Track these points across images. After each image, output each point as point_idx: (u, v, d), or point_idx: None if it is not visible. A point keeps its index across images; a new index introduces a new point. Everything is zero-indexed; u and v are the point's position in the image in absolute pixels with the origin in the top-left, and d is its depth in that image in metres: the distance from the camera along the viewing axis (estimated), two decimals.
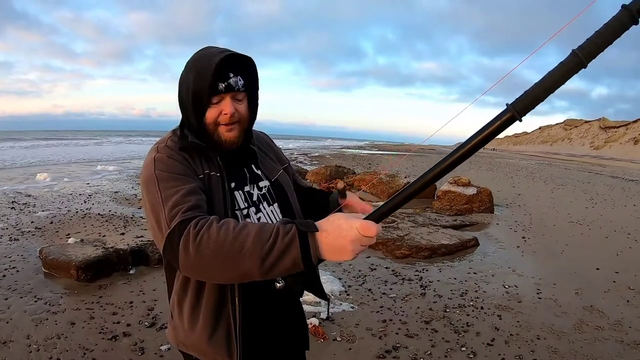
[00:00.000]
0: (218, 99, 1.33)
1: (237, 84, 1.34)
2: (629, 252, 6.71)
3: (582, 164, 32.54)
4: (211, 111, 1.33)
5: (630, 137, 64.44)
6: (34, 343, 3.42)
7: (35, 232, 6.61)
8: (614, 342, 3.77)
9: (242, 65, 1.38)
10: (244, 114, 1.39)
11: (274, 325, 1.46)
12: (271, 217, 1.45)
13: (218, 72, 1.29)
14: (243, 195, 1.43)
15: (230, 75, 1.32)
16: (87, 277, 4.69)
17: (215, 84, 1.30)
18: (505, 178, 17.80)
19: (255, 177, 1.49)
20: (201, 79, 1.29)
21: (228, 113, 1.33)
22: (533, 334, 3.87)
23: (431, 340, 3.71)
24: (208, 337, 1.36)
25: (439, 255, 6.14)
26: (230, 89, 1.33)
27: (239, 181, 1.44)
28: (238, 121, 1.37)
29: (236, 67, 1.35)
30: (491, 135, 0.94)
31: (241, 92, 1.37)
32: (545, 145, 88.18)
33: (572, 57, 0.85)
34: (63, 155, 26.06)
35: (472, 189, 9.65)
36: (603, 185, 16.11)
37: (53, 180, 13.05)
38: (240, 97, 1.37)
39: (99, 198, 9.83)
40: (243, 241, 1.04)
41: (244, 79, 1.37)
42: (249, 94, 1.42)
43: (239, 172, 1.46)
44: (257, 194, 1.46)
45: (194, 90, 1.31)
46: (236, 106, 1.35)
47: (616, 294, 4.89)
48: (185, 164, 1.32)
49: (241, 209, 1.40)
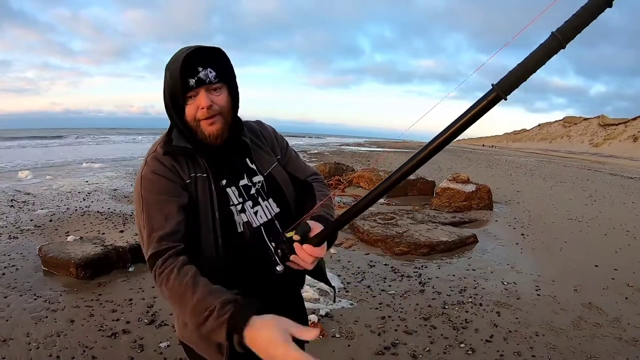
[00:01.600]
0: (193, 94, 1.34)
1: (208, 76, 1.33)
2: (627, 250, 6.72)
3: (581, 162, 32.57)
4: (189, 108, 1.35)
5: (630, 135, 64.46)
6: (33, 341, 3.43)
7: (35, 230, 6.61)
8: (612, 339, 3.77)
9: (212, 57, 1.36)
10: (223, 104, 1.38)
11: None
12: (266, 212, 1.46)
13: (186, 69, 1.30)
14: (237, 190, 1.44)
15: (199, 70, 1.32)
16: (86, 275, 4.69)
17: (186, 80, 1.31)
18: (504, 175, 17.80)
19: (249, 171, 1.49)
20: (173, 78, 1.32)
21: (204, 106, 1.33)
22: (532, 330, 3.88)
23: (430, 336, 3.72)
24: (198, 335, 1.37)
25: (438, 252, 6.15)
26: (202, 82, 1.33)
27: (234, 176, 1.45)
28: (219, 113, 1.37)
29: (205, 60, 1.34)
30: (478, 114, 0.98)
31: (215, 83, 1.35)
32: (545, 142, 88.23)
33: (551, 39, 0.90)
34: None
35: (471, 186, 9.66)
36: (602, 183, 16.12)
37: (35, 178, 13.03)
38: (216, 87, 1.36)
39: (98, 196, 9.82)
40: (186, 303, 1.18)
41: (216, 70, 1.35)
42: (227, 84, 1.40)
43: (234, 167, 1.47)
44: (255, 189, 1.47)
45: (170, 91, 1.35)
46: (213, 98, 1.35)
47: (615, 291, 4.89)
48: (170, 175, 1.35)
49: (235, 204, 1.41)
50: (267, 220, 1.45)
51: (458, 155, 31.89)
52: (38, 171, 14.65)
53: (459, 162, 24.36)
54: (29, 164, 17.70)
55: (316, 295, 4.36)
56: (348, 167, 14.21)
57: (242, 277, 1.36)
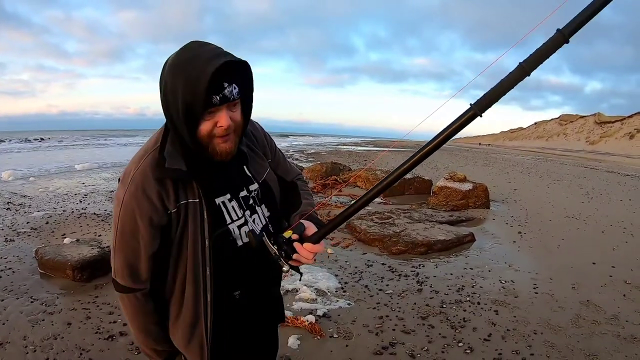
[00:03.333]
0: (212, 110, 1.24)
1: (232, 94, 1.25)
2: (625, 247, 6.73)
3: (578, 159, 32.61)
4: (206, 124, 1.26)
5: (626, 132, 64.60)
6: (30, 344, 3.41)
7: (31, 233, 6.59)
8: (610, 337, 3.77)
9: (238, 72, 1.27)
10: (238, 120, 1.32)
11: (242, 337, 1.54)
12: (262, 218, 1.50)
13: (212, 83, 1.19)
14: (238, 202, 1.44)
15: (225, 85, 1.22)
16: (83, 277, 4.67)
17: (210, 97, 1.21)
18: (501, 173, 17.82)
19: (247, 180, 1.49)
20: (193, 90, 1.19)
21: (224, 126, 1.26)
22: (530, 328, 3.88)
23: (428, 336, 3.71)
24: (185, 345, 1.46)
25: (435, 251, 6.14)
26: (226, 100, 1.24)
27: (235, 189, 1.45)
28: (234, 131, 1.31)
29: (230, 74, 1.24)
30: (458, 128, 1.14)
31: (236, 100, 1.28)
32: (541, 140, 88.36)
33: (519, 69, 1.06)
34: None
35: (468, 184, 9.66)
36: (599, 180, 16.15)
37: (18, 179, 13.12)
38: (235, 104, 1.30)
39: (94, 197, 9.80)
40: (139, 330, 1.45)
41: (239, 86, 1.27)
42: (244, 100, 1.35)
43: (234, 180, 1.46)
44: (251, 198, 1.49)
45: (186, 102, 1.21)
46: (232, 116, 1.28)
47: (613, 289, 4.90)
48: (151, 212, 1.29)
49: (234, 221, 1.42)
50: (263, 225, 1.49)
51: (455, 154, 31.93)
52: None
53: (455, 161, 24.37)
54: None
55: (314, 296, 4.35)
56: (345, 167, 14.19)
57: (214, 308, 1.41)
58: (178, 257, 1.36)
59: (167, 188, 1.29)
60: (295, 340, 3.52)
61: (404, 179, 10.97)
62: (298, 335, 3.58)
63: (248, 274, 1.47)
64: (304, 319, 3.80)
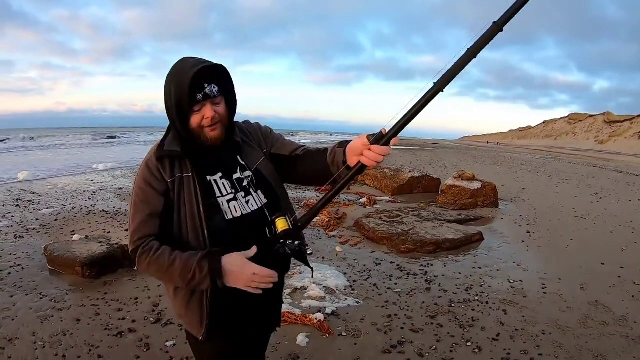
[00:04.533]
0: (199, 107, 1.58)
1: (213, 92, 1.58)
2: (634, 247, 6.68)
3: (587, 159, 32.42)
4: (195, 117, 1.59)
5: (635, 132, 64.06)
6: (39, 340, 3.44)
7: (40, 230, 6.63)
8: (619, 338, 3.75)
9: (215, 74, 1.60)
10: (223, 113, 1.64)
11: (243, 303, 1.69)
12: (257, 202, 1.71)
13: (194, 85, 1.52)
14: (230, 182, 1.69)
15: (205, 86, 1.56)
16: (92, 274, 4.70)
17: (194, 95, 1.54)
18: (509, 172, 17.74)
19: (242, 167, 1.74)
20: (181, 92, 1.53)
21: (209, 117, 1.59)
22: (538, 329, 3.86)
23: (436, 335, 3.71)
24: (185, 306, 1.68)
25: (444, 249, 6.13)
26: (207, 97, 1.57)
27: (228, 171, 1.71)
28: (220, 121, 1.63)
29: (210, 76, 1.57)
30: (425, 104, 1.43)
31: (217, 97, 1.61)
32: (550, 139, 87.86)
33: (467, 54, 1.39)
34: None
35: (477, 183, 9.63)
36: (608, 180, 16.04)
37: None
38: (218, 100, 1.62)
39: (103, 195, 9.85)
40: (173, 272, 1.55)
41: (219, 85, 1.60)
42: (226, 95, 1.66)
43: (228, 163, 1.72)
44: (246, 181, 1.72)
45: (177, 102, 1.56)
46: (215, 109, 1.60)
47: (621, 289, 4.87)
48: (155, 182, 1.61)
49: (223, 195, 1.66)
50: (257, 208, 1.70)
51: (463, 153, 31.84)
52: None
53: (464, 160, 24.31)
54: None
55: (322, 294, 4.35)
56: None
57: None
58: (179, 219, 1.61)
59: (165, 164, 1.63)
60: (304, 338, 3.51)
61: (412, 178, 10.95)
62: (307, 333, 3.58)
63: (241, 247, 1.59)
64: (312, 317, 3.80)
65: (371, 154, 1.48)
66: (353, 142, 1.57)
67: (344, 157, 1.59)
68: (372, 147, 1.47)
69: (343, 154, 1.60)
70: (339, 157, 1.62)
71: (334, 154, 1.66)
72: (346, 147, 1.59)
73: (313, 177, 1.78)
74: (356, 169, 1.53)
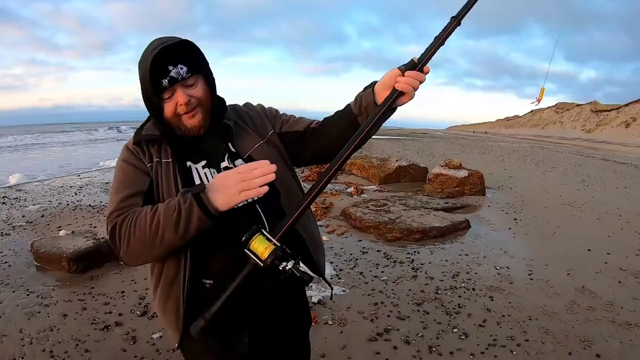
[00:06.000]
0: (169, 93, 1.37)
1: (180, 74, 1.35)
2: (620, 234, 6.74)
3: (574, 147, 32.57)
4: (167, 106, 1.39)
5: (622, 121, 64.39)
6: (27, 336, 3.42)
7: (27, 226, 6.59)
8: (605, 323, 3.79)
9: (180, 52, 1.36)
10: (200, 96, 1.40)
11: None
12: None
13: (156, 70, 1.32)
14: (217, 172, 1.45)
15: (170, 69, 1.33)
16: (78, 269, 4.68)
17: (159, 82, 1.34)
18: (496, 161, 17.81)
19: (232, 154, 1.51)
20: (144, 81, 1.35)
21: (182, 103, 1.36)
22: (525, 314, 3.89)
23: (423, 322, 3.73)
24: (162, 307, 1.48)
25: (431, 237, 6.15)
26: (175, 81, 1.35)
27: (213, 159, 1.48)
28: (198, 105, 1.41)
29: (174, 57, 1.34)
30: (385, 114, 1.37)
31: (188, 78, 1.37)
32: (537, 128, 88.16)
33: (435, 42, 1.36)
34: None
35: (464, 171, 9.66)
36: (595, 168, 16.13)
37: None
38: (191, 82, 1.38)
39: (89, 189, 9.80)
40: (157, 220, 1.27)
41: (187, 65, 1.36)
42: (202, 73, 1.42)
43: (214, 150, 1.49)
44: None
45: (144, 93, 1.38)
46: (189, 92, 1.38)
47: (608, 275, 4.91)
48: (135, 162, 1.44)
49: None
50: (246, 203, 1.38)
51: (451, 142, 31.90)
52: None
53: (451, 148, 24.36)
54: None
55: None
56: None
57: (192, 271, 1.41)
58: None
59: (144, 149, 1.46)
60: None
61: (399, 167, 10.98)
62: None
63: (225, 246, 1.39)
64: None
65: (406, 79, 1.33)
66: (382, 78, 1.40)
67: (374, 96, 1.42)
68: (407, 73, 1.34)
69: (372, 94, 1.42)
70: (368, 99, 1.43)
71: (360, 100, 1.45)
72: (374, 86, 1.42)
73: (340, 140, 1.44)
74: (392, 97, 1.35)
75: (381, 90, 1.40)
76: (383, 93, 1.38)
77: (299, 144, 1.61)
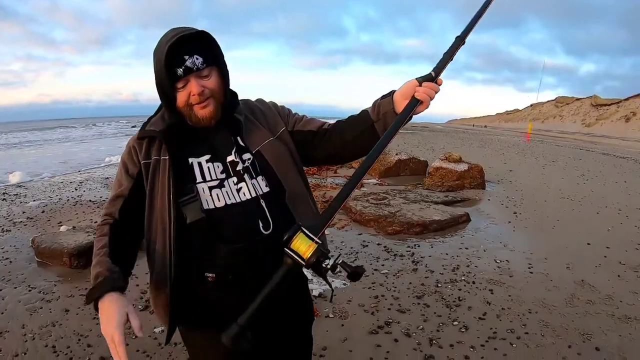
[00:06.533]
0: (183, 82, 1.37)
1: (195, 64, 1.36)
2: (619, 228, 6.75)
3: (574, 141, 32.52)
4: (180, 95, 1.39)
5: (622, 115, 64.25)
6: (29, 332, 3.43)
7: (27, 222, 6.60)
8: (605, 316, 3.80)
9: (197, 43, 1.38)
10: (214, 87, 1.41)
11: (206, 308, 1.49)
12: (251, 191, 1.45)
13: (172, 59, 1.33)
14: (223, 166, 1.45)
15: (186, 58, 1.34)
16: (79, 264, 4.69)
17: (174, 70, 1.34)
18: (496, 154, 17.80)
19: (241, 149, 1.49)
20: (160, 69, 1.34)
21: (195, 93, 1.37)
22: (525, 308, 3.90)
23: (423, 315, 3.74)
24: (154, 302, 1.55)
25: (431, 231, 6.17)
26: (190, 71, 1.35)
27: (219, 153, 1.47)
28: (211, 96, 1.40)
29: (191, 47, 1.36)
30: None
31: (203, 69, 1.38)
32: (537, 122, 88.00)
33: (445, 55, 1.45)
34: None
35: (464, 165, 9.67)
36: (594, 162, 16.12)
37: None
38: (205, 73, 1.39)
39: (89, 185, 9.82)
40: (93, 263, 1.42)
41: (203, 56, 1.37)
42: (216, 65, 1.43)
43: (220, 144, 1.48)
44: (242, 166, 1.47)
45: (158, 82, 1.38)
46: (203, 83, 1.38)
47: (607, 269, 4.92)
48: (130, 161, 1.49)
49: (206, 180, 1.44)
50: (250, 198, 1.44)
51: (451, 136, 31.88)
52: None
53: (451, 142, 24.34)
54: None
55: (309, 276, 4.36)
56: None
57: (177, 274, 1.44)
58: (151, 210, 1.44)
59: (143, 145, 1.47)
60: None
61: (399, 160, 10.98)
62: None
63: (224, 243, 1.40)
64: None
65: (424, 89, 1.38)
66: (401, 88, 1.45)
67: (393, 105, 1.45)
68: (424, 83, 1.40)
69: (391, 102, 1.45)
70: (387, 107, 1.46)
71: (378, 107, 1.48)
72: (393, 95, 1.46)
73: (355, 143, 1.53)
74: (414, 105, 1.40)
75: (400, 99, 1.43)
76: (402, 102, 1.42)
77: (311, 143, 1.61)
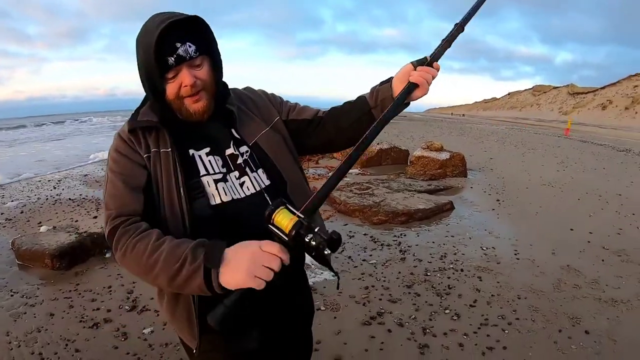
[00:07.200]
0: (173, 73, 1.25)
1: (188, 52, 1.24)
2: (600, 213, 6.85)
3: (552, 129, 32.93)
4: (170, 87, 1.27)
5: (599, 103, 65.38)
6: (14, 339, 3.32)
7: (6, 224, 6.42)
8: (592, 300, 3.85)
9: (189, 29, 1.25)
10: (206, 79, 1.30)
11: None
12: (254, 184, 1.38)
13: (162, 47, 1.20)
14: (222, 159, 1.37)
15: (178, 45, 1.22)
16: (62, 265, 4.57)
17: (164, 59, 1.22)
18: (476, 143, 17.93)
19: (237, 141, 1.42)
20: (148, 58, 1.21)
21: (188, 84, 1.26)
22: (514, 294, 3.94)
23: (414, 304, 3.75)
24: (172, 314, 1.39)
25: (416, 220, 6.18)
26: (182, 60, 1.23)
27: (218, 146, 1.39)
28: (203, 89, 1.30)
29: (183, 33, 1.23)
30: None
31: (196, 58, 1.26)
32: (514, 110, 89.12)
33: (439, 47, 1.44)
34: None
35: (445, 153, 9.71)
36: (573, 150, 16.31)
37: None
38: (198, 62, 1.28)
39: (68, 182, 9.61)
40: (156, 260, 1.15)
41: (196, 43, 1.25)
42: (208, 55, 1.32)
43: (218, 137, 1.40)
44: (242, 159, 1.40)
45: (146, 72, 1.26)
46: (195, 74, 1.27)
47: (591, 254, 4.99)
48: (130, 153, 1.32)
49: (210, 174, 1.34)
50: (254, 192, 1.37)
51: (430, 125, 32.01)
52: None
53: (430, 131, 24.42)
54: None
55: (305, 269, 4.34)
56: None
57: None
58: (154, 207, 1.30)
59: (139, 138, 1.33)
60: None
61: (381, 150, 10.99)
62: None
63: (232, 241, 1.21)
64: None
65: (419, 72, 1.35)
66: (398, 73, 1.42)
67: (392, 91, 1.41)
68: (419, 67, 1.37)
69: (390, 89, 1.42)
70: (386, 93, 1.42)
71: (376, 93, 1.45)
72: (392, 81, 1.42)
73: (352, 130, 1.48)
74: (407, 89, 1.36)
75: (398, 84, 1.40)
76: (400, 87, 1.38)
77: (305, 132, 1.55)
